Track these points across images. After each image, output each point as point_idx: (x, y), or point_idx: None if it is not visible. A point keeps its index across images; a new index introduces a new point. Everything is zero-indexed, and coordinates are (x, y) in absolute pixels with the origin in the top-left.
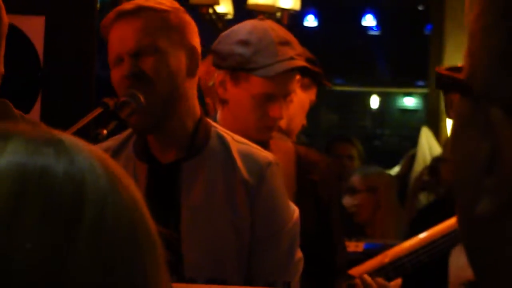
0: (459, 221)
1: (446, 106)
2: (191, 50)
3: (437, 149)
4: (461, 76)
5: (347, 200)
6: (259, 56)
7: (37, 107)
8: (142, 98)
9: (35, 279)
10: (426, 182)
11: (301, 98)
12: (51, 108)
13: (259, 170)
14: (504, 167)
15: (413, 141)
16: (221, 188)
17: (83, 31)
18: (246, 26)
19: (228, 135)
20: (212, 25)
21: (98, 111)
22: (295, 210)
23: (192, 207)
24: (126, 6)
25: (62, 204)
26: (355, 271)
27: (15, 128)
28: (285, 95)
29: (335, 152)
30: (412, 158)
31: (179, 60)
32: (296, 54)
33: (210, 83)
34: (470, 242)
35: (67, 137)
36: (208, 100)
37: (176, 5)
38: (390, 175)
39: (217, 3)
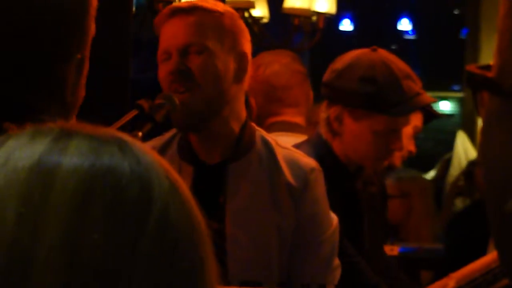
0: (489, 217)
1: (476, 105)
2: (240, 55)
3: (472, 153)
4: (491, 74)
5: None
6: (385, 95)
7: (73, 117)
8: (177, 101)
9: (102, 269)
10: (462, 187)
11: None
12: (86, 111)
13: (303, 175)
14: None
15: (449, 145)
16: (267, 191)
17: (118, 34)
18: (365, 60)
19: (272, 139)
20: (248, 29)
21: (133, 113)
22: (334, 218)
23: (238, 209)
24: (181, 4)
25: (129, 201)
26: None
27: (77, 127)
28: (405, 126)
29: None
30: (448, 162)
31: (227, 64)
32: (420, 88)
33: (323, 115)
34: (499, 239)
35: (127, 137)
36: (251, 100)
37: (232, 10)
38: (424, 179)
39: (253, 7)
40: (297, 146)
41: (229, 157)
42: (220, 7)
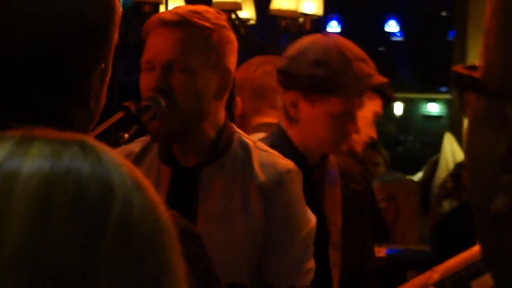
0: (475, 219)
1: (462, 105)
2: (224, 72)
3: (460, 155)
4: (477, 74)
5: None
6: (338, 77)
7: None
8: (163, 103)
9: (65, 270)
10: (449, 189)
11: (365, 110)
12: None
13: (278, 176)
14: None
15: (437, 147)
16: (237, 194)
17: None
18: (317, 45)
19: (251, 141)
20: (235, 30)
21: (119, 115)
22: (311, 220)
23: (208, 211)
24: (170, 16)
25: (89, 201)
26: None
27: (39, 132)
28: (359, 109)
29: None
30: (435, 164)
31: (209, 82)
32: (373, 70)
33: (280, 104)
34: (485, 239)
35: (91, 139)
36: (237, 99)
37: (222, 22)
38: (410, 181)
39: (240, 8)
40: (261, 140)
41: (204, 161)
42: (210, 20)
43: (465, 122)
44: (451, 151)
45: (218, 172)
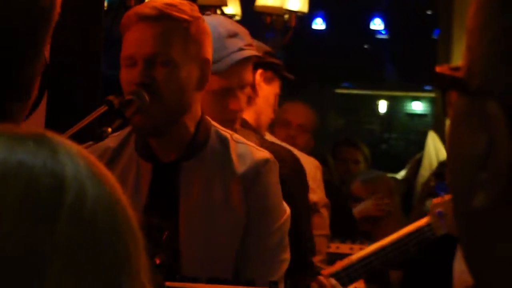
0: (455, 215)
1: (445, 105)
2: (203, 63)
3: (443, 154)
4: (459, 74)
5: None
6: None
7: (42, 106)
8: (147, 97)
9: (18, 261)
10: (432, 188)
11: (265, 92)
12: (57, 107)
13: (256, 166)
14: (498, 161)
15: (420, 145)
16: (219, 187)
17: (90, 30)
18: None
19: (227, 133)
20: None
21: (103, 109)
22: (286, 210)
23: (191, 206)
24: (148, 10)
25: (41, 192)
26: (326, 271)
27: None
28: (241, 87)
29: (340, 156)
30: (418, 162)
31: (190, 73)
32: (246, 45)
33: None
34: (465, 236)
35: (51, 134)
36: None
37: (197, 13)
38: (390, 179)
39: (225, 5)
40: None
41: (183, 155)
42: (187, 13)
43: (448, 122)
44: (435, 149)
45: (198, 166)
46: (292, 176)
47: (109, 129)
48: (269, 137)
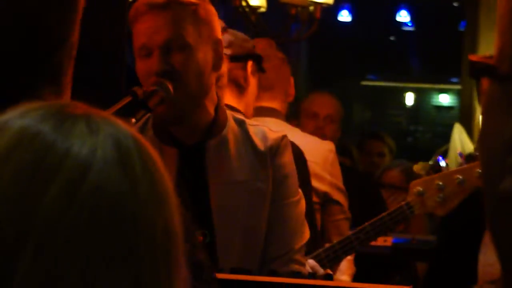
0: (485, 198)
1: (478, 93)
2: (216, 43)
3: (469, 146)
4: (491, 61)
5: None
6: None
7: (67, 97)
8: (171, 88)
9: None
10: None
11: (252, 84)
12: (81, 98)
13: (275, 142)
14: None
15: (447, 138)
16: (245, 164)
17: (114, 22)
18: None
19: (242, 117)
20: (245, 18)
21: (127, 99)
22: (300, 190)
23: (220, 184)
24: None
25: (41, 166)
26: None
27: (57, 102)
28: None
29: (365, 149)
30: (444, 153)
31: (206, 55)
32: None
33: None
34: (494, 219)
35: (92, 115)
36: None
37: None
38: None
39: None
40: None
41: (206, 136)
42: None
43: (475, 113)
44: (460, 141)
45: (222, 145)
46: None
47: (133, 120)
48: None
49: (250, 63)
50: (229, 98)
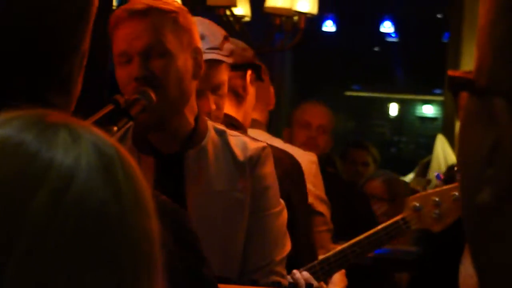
0: (463, 211)
1: (457, 108)
2: (196, 52)
3: (452, 158)
4: (470, 76)
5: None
6: None
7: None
8: (153, 96)
9: None
10: None
11: (250, 93)
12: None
13: (255, 153)
14: (504, 157)
15: (430, 149)
16: (223, 175)
17: (98, 28)
18: None
19: (223, 128)
20: (229, 27)
21: (109, 108)
22: (282, 202)
23: (197, 195)
24: (136, 5)
25: (26, 175)
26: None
27: (35, 111)
28: (212, 88)
29: (349, 159)
30: (427, 165)
31: (186, 63)
32: (209, 48)
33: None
34: (471, 232)
35: (73, 124)
36: None
37: (179, 4)
38: (404, 182)
39: (235, 5)
40: None
41: (186, 146)
42: (173, 4)
43: (458, 125)
44: (443, 152)
45: (201, 156)
46: (284, 176)
47: (115, 128)
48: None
49: (249, 72)
50: (227, 107)
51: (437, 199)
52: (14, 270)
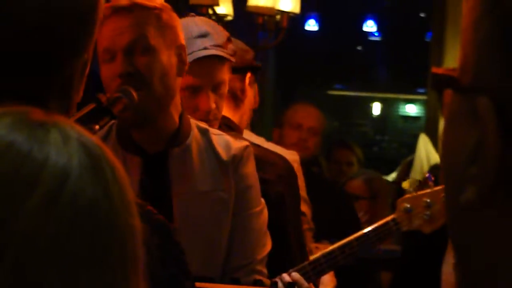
0: (446, 210)
1: (441, 106)
2: (180, 49)
3: (435, 157)
4: (454, 74)
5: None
6: None
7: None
8: (135, 94)
9: None
10: None
11: (249, 95)
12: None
13: (238, 152)
14: (487, 155)
15: (412, 148)
16: (207, 174)
17: None
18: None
19: (206, 126)
20: None
21: (90, 106)
22: (262, 201)
23: (183, 194)
24: (119, 2)
25: (19, 176)
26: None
27: (19, 109)
28: (213, 86)
29: (333, 158)
30: (409, 164)
31: (170, 60)
32: (213, 45)
33: None
34: (454, 231)
35: (61, 123)
36: None
37: (164, 3)
38: (386, 181)
39: (217, 4)
40: None
41: (170, 144)
42: (156, 1)
43: (441, 124)
44: (426, 152)
45: (185, 154)
46: (278, 181)
47: (97, 127)
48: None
49: (248, 75)
50: (225, 109)
51: (428, 200)
52: (6, 272)
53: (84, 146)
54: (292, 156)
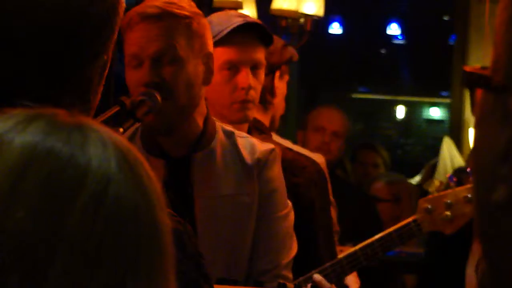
0: (476, 209)
1: (472, 105)
2: (207, 57)
3: (458, 160)
4: (486, 72)
5: None
6: (215, 28)
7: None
8: (159, 97)
9: (26, 243)
10: None
11: (280, 89)
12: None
13: (263, 156)
14: None
15: (436, 151)
16: (231, 177)
17: None
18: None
19: (232, 129)
20: None
21: (115, 109)
22: (289, 203)
23: (205, 197)
24: (149, 9)
25: (62, 181)
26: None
27: (46, 111)
28: (251, 64)
29: (358, 160)
30: (433, 167)
31: (197, 69)
32: (244, 20)
33: None
34: (484, 229)
35: (93, 125)
36: None
37: (196, 9)
38: (410, 184)
39: (241, 7)
40: None
41: (194, 149)
42: (187, 9)
43: (465, 127)
44: (450, 155)
45: (209, 158)
46: (309, 185)
47: (121, 129)
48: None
49: (277, 74)
50: (255, 111)
51: (449, 201)
52: (57, 275)
53: (119, 149)
54: (318, 159)
